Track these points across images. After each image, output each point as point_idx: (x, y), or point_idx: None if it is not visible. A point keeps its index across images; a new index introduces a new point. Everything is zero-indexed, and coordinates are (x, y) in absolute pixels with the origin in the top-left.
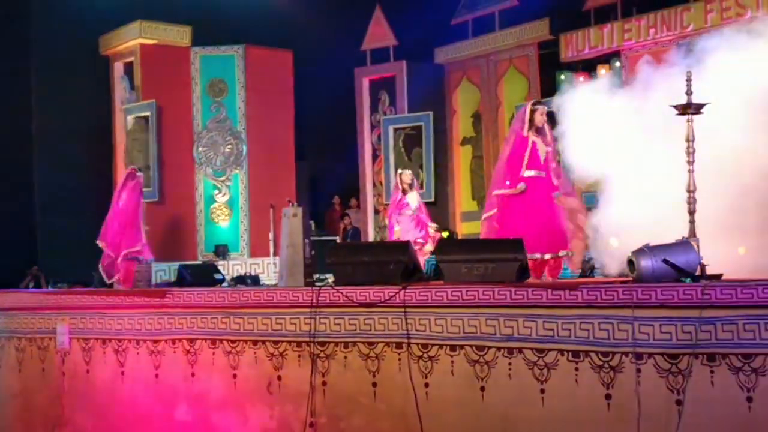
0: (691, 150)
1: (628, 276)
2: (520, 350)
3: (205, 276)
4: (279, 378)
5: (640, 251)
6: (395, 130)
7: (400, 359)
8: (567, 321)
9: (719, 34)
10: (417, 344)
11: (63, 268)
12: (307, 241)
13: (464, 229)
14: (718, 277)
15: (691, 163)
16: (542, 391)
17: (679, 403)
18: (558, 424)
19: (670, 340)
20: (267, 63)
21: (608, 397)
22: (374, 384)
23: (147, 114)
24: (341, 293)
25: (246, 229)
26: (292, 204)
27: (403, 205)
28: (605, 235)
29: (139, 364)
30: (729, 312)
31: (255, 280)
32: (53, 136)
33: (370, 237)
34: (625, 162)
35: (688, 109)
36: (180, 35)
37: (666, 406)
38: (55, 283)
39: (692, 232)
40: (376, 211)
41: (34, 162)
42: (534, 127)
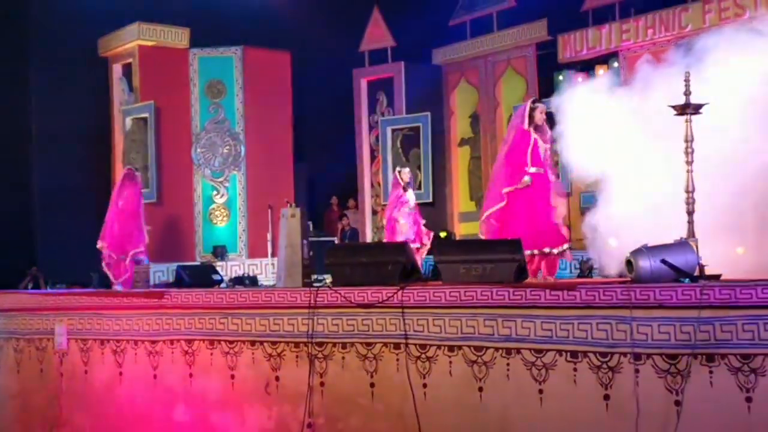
0: (689, 150)
1: (626, 276)
2: (518, 351)
3: (203, 277)
4: (277, 378)
5: (638, 251)
6: (393, 130)
7: (398, 360)
8: (565, 321)
9: (718, 34)
10: (415, 345)
11: (62, 268)
12: (305, 241)
13: (462, 230)
14: (716, 277)
15: (689, 163)
16: (540, 391)
17: (677, 403)
18: (556, 425)
19: (669, 340)
20: (265, 64)
21: (607, 397)
22: (372, 384)
23: (145, 115)
24: (339, 294)
25: (244, 230)
26: (290, 205)
27: (404, 201)
28: (604, 235)
29: (137, 364)
30: (728, 312)
31: (253, 280)
32: (52, 137)
33: (368, 238)
34: (623, 162)
35: (687, 109)
36: (178, 37)
37: (665, 407)
38: (54, 283)
39: (691, 233)
40: (374, 212)
41: (33, 163)
42: (533, 125)
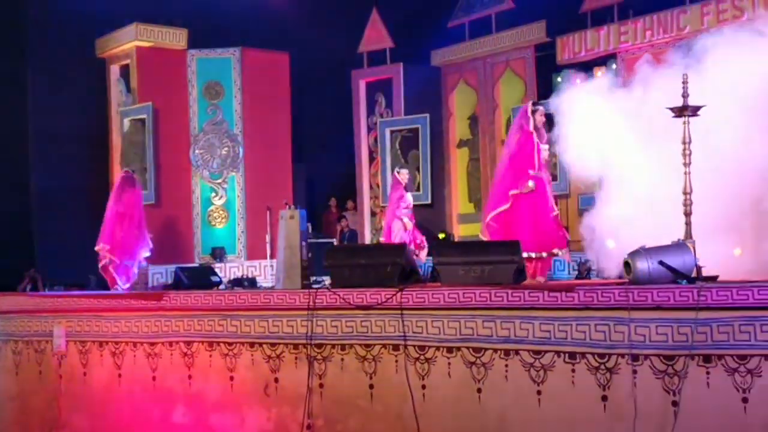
0: (687, 152)
1: (625, 278)
2: (516, 352)
3: (202, 278)
4: (276, 380)
5: (636, 253)
6: (392, 132)
7: (397, 361)
8: (564, 323)
9: (718, 34)
10: (414, 346)
11: (60, 270)
12: (304, 243)
13: (461, 231)
14: (714, 278)
15: (687, 165)
16: (539, 392)
17: (675, 404)
18: (554, 426)
19: (666, 341)
20: (263, 65)
21: (605, 398)
22: (371, 386)
23: (143, 116)
24: (338, 295)
25: (243, 232)
26: (289, 206)
27: (407, 202)
28: (602, 236)
29: (136, 366)
30: (725, 313)
31: (252, 282)
32: (50, 139)
33: (367, 239)
34: (621, 164)
35: (685, 111)
36: (176, 38)
37: (662, 407)
38: (52, 285)
39: (688, 234)
40: (373, 214)
41: (31, 164)
42: (534, 128)
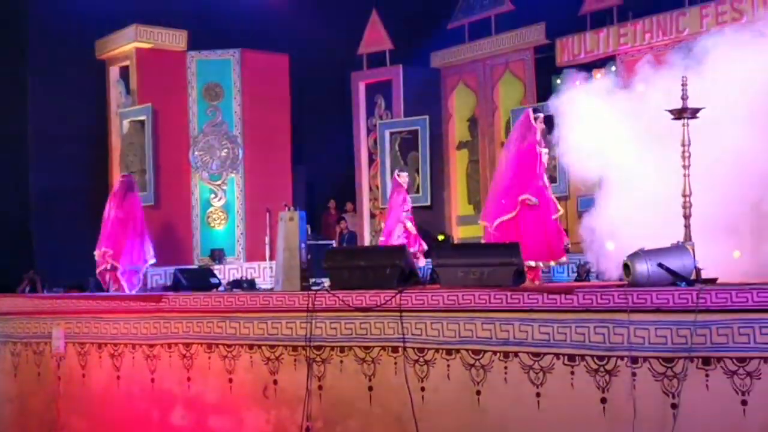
0: (686, 154)
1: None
2: (516, 354)
3: (201, 280)
4: (275, 382)
5: (635, 255)
6: (391, 134)
7: (396, 363)
8: (563, 325)
9: (718, 35)
10: (413, 348)
11: (59, 272)
12: (303, 245)
13: (460, 233)
14: (713, 281)
15: (686, 167)
16: (538, 395)
17: (674, 406)
18: (554, 428)
19: (666, 343)
20: (263, 67)
21: (604, 400)
22: (370, 388)
23: (143, 118)
24: (337, 297)
25: (242, 233)
26: (288, 208)
27: (408, 205)
28: (602, 238)
29: (135, 368)
30: (724, 316)
31: (251, 284)
32: (49, 140)
33: (366, 241)
34: (621, 166)
35: (684, 113)
36: (176, 39)
37: (661, 410)
38: (51, 287)
39: (688, 236)
40: (372, 216)
41: (30, 165)
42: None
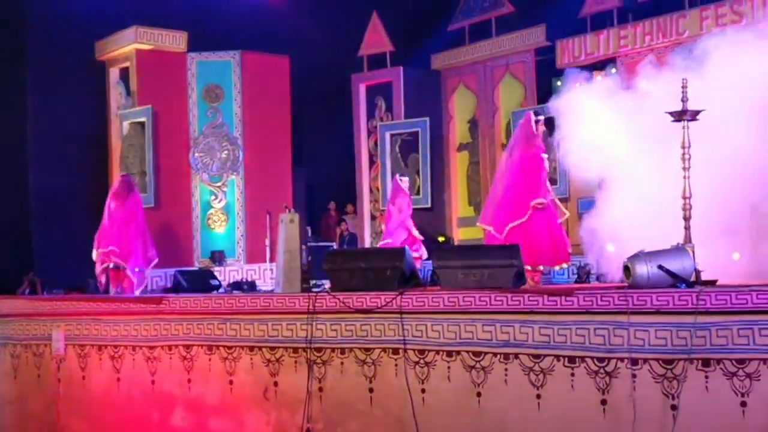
0: (686, 156)
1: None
2: (516, 356)
3: (201, 282)
4: (275, 384)
5: (635, 257)
6: (392, 136)
7: (396, 365)
8: (563, 327)
9: (720, 36)
10: (413, 350)
11: (59, 274)
12: (303, 247)
13: (461, 235)
14: (712, 283)
15: (686, 169)
16: (538, 396)
17: (674, 408)
18: (554, 429)
19: (666, 345)
20: (263, 69)
21: (604, 402)
22: (371, 390)
23: (143, 119)
24: (338, 299)
25: (242, 235)
26: (288, 210)
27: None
28: (602, 240)
29: (135, 370)
30: (723, 318)
31: (251, 286)
32: (49, 142)
33: (367, 243)
34: (621, 167)
35: (684, 115)
36: (176, 41)
37: (661, 411)
38: (51, 289)
39: (687, 238)
40: (373, 217)
41: (30, 167)
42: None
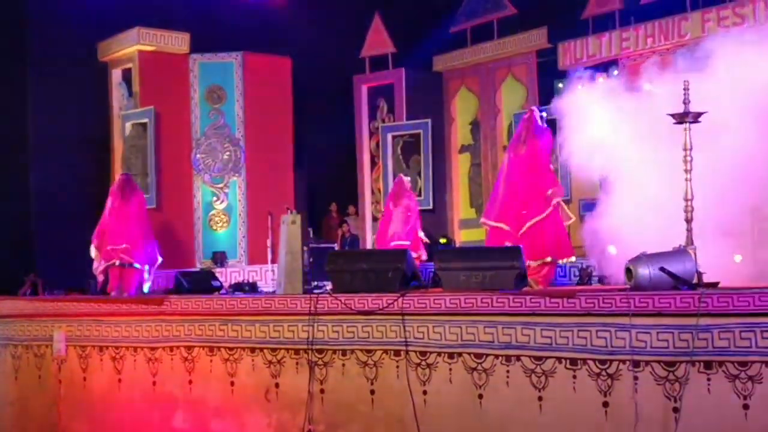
0: (688, 158)
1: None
2: (518, 358)
3: (202, 283)
4: (277, 385)
5: (637, 259)
6: (393, 137)
7: (398, 366)
8: (565, 329)
9: (723, 37)
10: (415, 351)
11: (60, 275)
12: (305, 248)
13: (462, 237)
14: (714, 285)
15: (688, 171)
16: (540, 398)
17: (676, 410)
18: None
19: (668, 347)
20: (265, 70)
21: (606, 404)
22: (372, 391)
23: (145, 121)
24: (339, 300)
25: (244, 236)
26: (290, 211)
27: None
28: (604, 242)
29: (137, 371)
30: (725, 320)
31: (253, 287)
32: (51, 143)
33: (369, 244)
34: (623, 168)
35: (686, 117)
36: (178, 42)
37: (663, 414)
38: (52, 290)
39: (689, 241)
40: (375, 219)
41: (32, 168)
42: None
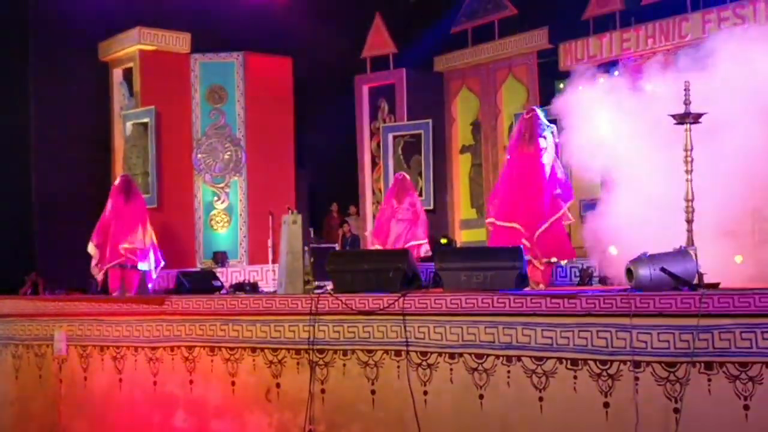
0: (689, 159)
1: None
2: (518, 358)
3: (203, 283)
4: (278, 385)
5: (638, 260)
6: (394, 137)
7: (398, 367)
8: (566, 329)
9: (723, 37)
10: (416, 352)
11: (61, 274)
12: (306, 248)
13: (463, 237)
14: (715, 286)
15: (689, 172)
16: (541, 399)
17: (676, 411)
18: None
19: (668, 348)
20: (266, 70)
21: (606, 405)
22: (373, 391)
23: (146, 120)
24: (340, 300)
25: (245, 236)
26: (291, 211)
27: None
28: (604, 242)
29: (137, 371)
30: (726, 320)
31: (254, 287)
32: (52, 142)
33: (369, 244)
34: (624, 168)
35: (686, 118)
36: (179, 42)
37: (664, 414)
38: (53, 289)
39: (690, 241)
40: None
41: (33, 168)
42: None
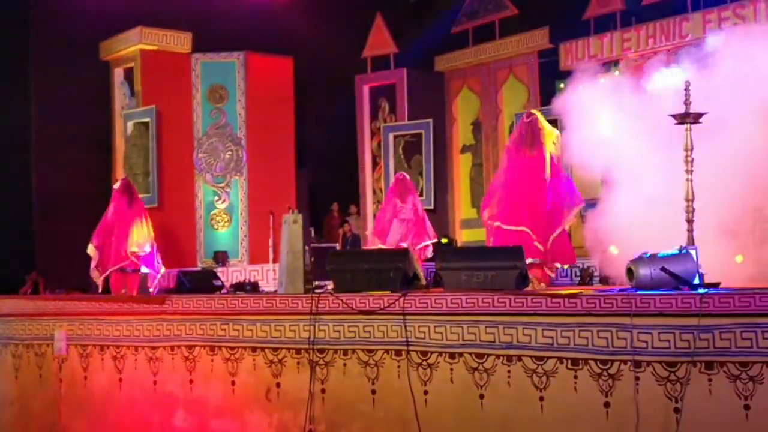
0: (689, 159)
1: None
2: (519, 358)
3: (204, 282)
4: (278, 385)
5: (638, 260)
6: (395, 137)
7: (399, 366)
8: (566, 329)
9: (724, 36)
10: (416, 351)
11: (61, 274)
12: (306, 248)
13: (464, 237)
14: (716, 285)
15: (689, 172)
16: (541, 398)
17: (677, 410)
18: None
19: (669, 348)
20: (267, 70)
21: (607, 404)
22: (373, 391)
23: (147, 120)
24: (341, 300)
25: (245, 236)
26: (292, 211)
27: None
28: (605, 242)
29: (137, 370)
30: (727, 320)
31: (254, 286)
32: (53, 142)
33: (370, 244)
34: (624, 168)
35: (687, 118)
36: (180, 41)
37: (664, 414)
38: (54, 289)
39: (690, 241)
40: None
41: (33, 167)
42: None
